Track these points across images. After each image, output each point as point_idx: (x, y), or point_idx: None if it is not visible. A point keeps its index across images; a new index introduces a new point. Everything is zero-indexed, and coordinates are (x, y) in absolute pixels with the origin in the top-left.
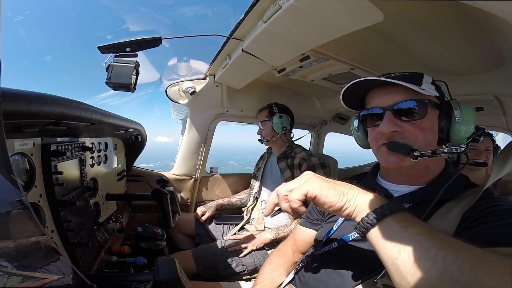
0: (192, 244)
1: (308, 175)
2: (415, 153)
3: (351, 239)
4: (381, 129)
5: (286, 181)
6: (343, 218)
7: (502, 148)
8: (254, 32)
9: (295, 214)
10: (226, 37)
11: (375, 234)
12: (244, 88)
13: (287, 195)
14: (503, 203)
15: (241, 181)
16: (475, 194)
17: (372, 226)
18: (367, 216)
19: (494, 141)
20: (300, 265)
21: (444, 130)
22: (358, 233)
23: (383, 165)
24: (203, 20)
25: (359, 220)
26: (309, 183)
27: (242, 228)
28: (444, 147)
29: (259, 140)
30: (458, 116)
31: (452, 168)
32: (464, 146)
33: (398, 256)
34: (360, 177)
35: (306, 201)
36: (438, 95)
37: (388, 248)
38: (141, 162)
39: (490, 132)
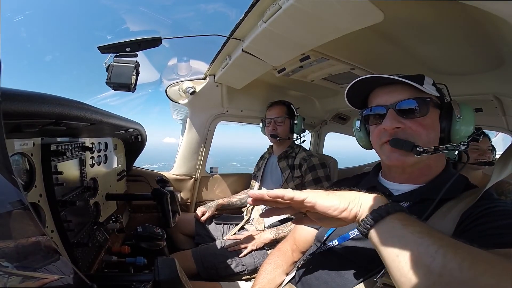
0: (192, 244)
1: (307, 190)
2: (418, 149)
3: (351, 237)
4: (384, 126)
5: (286, 181)
6: None
7: (496, 147)
8: (254, 32)
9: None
10: (226, 37)
11: (377, 233)
12: (244, 88)
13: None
14: (501, 204)
15: (241, 181)
16: (475, 194)
17: (375, 224)
18: (368, 215)
19: (490, 140)
20: (301, 263)
21: (445, 129)
22: (360, 232)
23: (386, 162)
24: (203, 20)
25: (363, 217)
26: (308, 192)
27: (242, 228)
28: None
29: (273, 135)
30: (459, 116)
31: (452, 168)
32: (466, 144)
33: (399, 254)
34: (361, 176)
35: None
36: (438, 95)
37: (390, 246)
38: (145, 163)
39: (489, 132)
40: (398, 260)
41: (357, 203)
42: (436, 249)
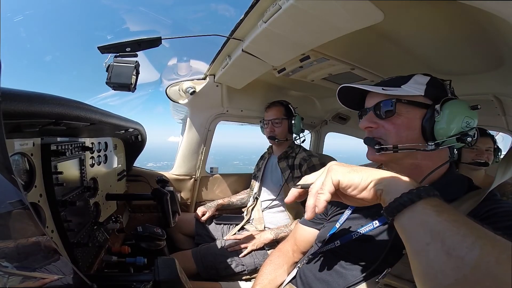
0: (192, 244)
1: (329, 165)
2: (376, 146)
3: (353, 237)
4: (360, 125)
5: (286, 182)
6: (345, 217)
7: (501, 148)
8: (254, 32)
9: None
10: (226, 37)
11: (407, 217)
12: (244, 88)
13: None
14: (506, 205)
15: (241, 181)
16: (479, 196)
17: (405, 207)
18: (400, 197)
19: (495, 142)
20: (302, 264)
21: (426, 128)
22: (386, 216)
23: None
24: (203, 20)
25: (390, 200)
26: (331, 173)
27: (242, 228)
28: (427, 144)
29: (271, 137)
30: (437, 115)
31: (455, 169)
32: (432, 144)
33: (431, 242)
34: None
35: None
36: (422, 94)
37: (421, 232)
38: (148, 162)
39: (491, 132)
40: (427, 249)
41: (381, 182)
42: (473, 240)
